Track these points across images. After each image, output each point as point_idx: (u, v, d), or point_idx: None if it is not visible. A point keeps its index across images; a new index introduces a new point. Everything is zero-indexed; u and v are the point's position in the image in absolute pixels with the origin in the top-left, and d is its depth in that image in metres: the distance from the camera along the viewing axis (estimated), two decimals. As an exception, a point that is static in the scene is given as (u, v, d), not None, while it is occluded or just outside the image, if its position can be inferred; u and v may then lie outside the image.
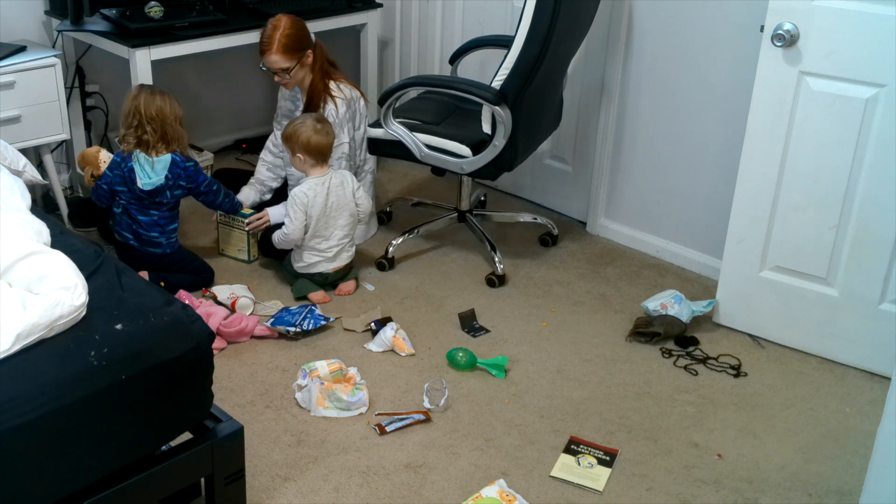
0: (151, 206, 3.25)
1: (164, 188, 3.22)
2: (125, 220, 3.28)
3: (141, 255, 3.29)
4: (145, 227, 3.26)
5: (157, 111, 3.18)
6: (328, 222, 3.27)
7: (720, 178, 3.41)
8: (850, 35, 2.73)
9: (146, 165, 3.20)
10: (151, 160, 3.19)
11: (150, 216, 3.26)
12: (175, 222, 3.33)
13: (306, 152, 3.23)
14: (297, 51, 3.38)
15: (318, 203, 3.23)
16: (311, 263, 3.30)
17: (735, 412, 2.83)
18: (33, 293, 1.99)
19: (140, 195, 3.22)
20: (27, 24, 3.69)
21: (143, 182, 3.20)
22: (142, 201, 3.23)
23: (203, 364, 2.11)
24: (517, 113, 3.22)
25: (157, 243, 3.29)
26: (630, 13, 3.54)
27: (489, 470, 2.54)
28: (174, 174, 3.22)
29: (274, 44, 3.35)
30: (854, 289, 2.96)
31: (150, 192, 3.21)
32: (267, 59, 3.39)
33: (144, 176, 3.20)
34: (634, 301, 3.37)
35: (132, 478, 2.00)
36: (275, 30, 3.36)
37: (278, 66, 3.39)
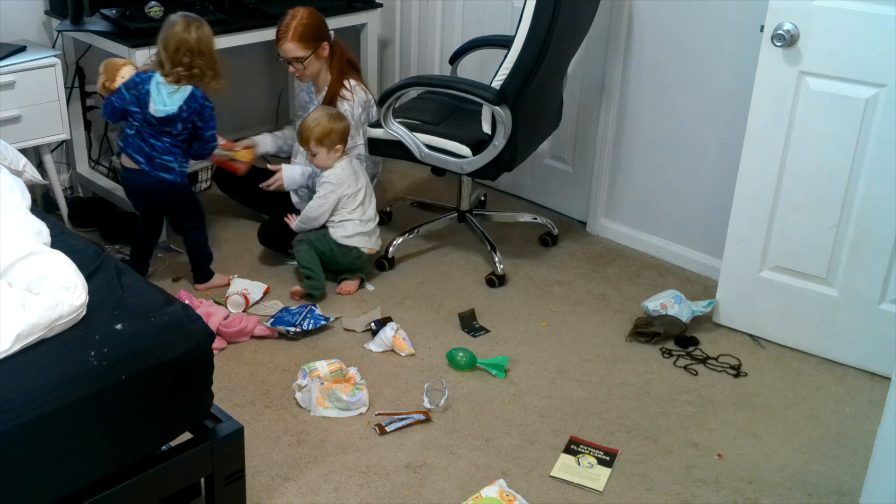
0: (163, 134, 3.12)
1: (177, 118, 3.10)
2: (137, 143, 3.14)
3: (150, 182, 3.17)
4: (159, 151, 3.14)
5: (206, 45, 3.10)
6: (365, 197, 3.37)
7: (720, 178, 3.41)
8: (850, 35, 2.73)
9: (163, 91, 3.08)
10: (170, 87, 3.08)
11: (163, 142, 3.13)
12: (187, 159, 3.24)
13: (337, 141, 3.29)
14: (312, 41, 3.40)
15: (349, 181, 3.31)
16: (352, 235, 3.34)
17: (735, 412, 2.83)
18: (33, 293, 1.99)
19: (151, 120, 3.11)
20: (27, 24, 3.69)
21: (157, 107, 3.08)
22: (153, 127, 3.12)
23: (203, 364, 2.11)
24: (517, 113, 3.22)
25: (170, 168, 3.17)
26: (630, 13, 3.54)
27: (489, 470, 2.54)
28: (190, 107, 3.10)
29: (290, 32, 3.38)
30: (854, 289, 2.96)
31: (162, 119, 3.09)
32: (282, 47, 3.42)
33: (160, 101, 3.08)
34: (634, 301, 3.37)
35: (132, 478, 2.00)
36: (292, 19, 3.40)
37: (293, 55, 3.41)
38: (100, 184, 3.88)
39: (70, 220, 3.72)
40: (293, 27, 3.39)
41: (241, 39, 3.65)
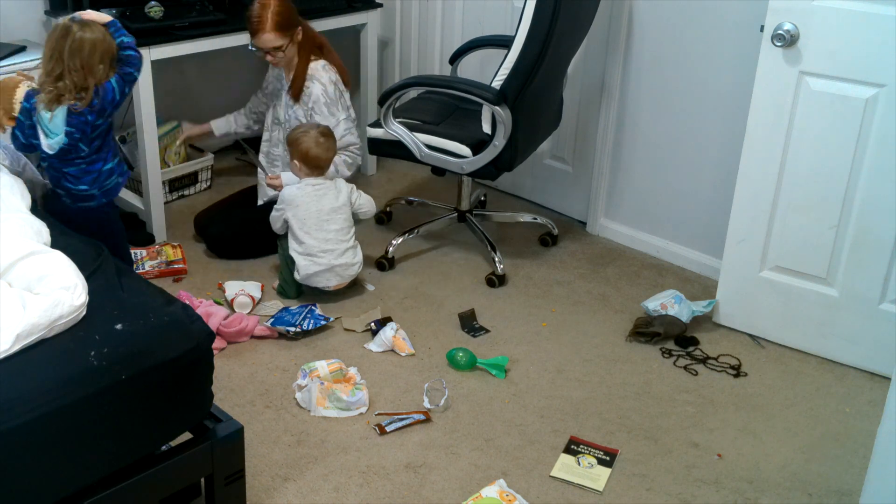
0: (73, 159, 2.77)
1: (74, 144, 2.72)
2: (52, 173, 2.81)
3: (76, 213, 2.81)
4: (72, 180, 2.79)
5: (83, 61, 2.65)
6: (321, 226, 3.25)
7: (720, 178, 3.41)
8: (850, 35, 2.73)
9: (45, 121, 2.70)
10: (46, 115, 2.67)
11: (76, 165, 2.77)
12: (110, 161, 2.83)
13: (303, 162, 3.27)
14: (288, 28, 3.38)
15: (304, 203, 3.25)
16: (310, 275, 3.24)
17: (735, 412, 2.83)
18: (33, 293, 1.99)
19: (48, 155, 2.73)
20: (27, 24, 3.69)
21: (49, 142, 2.71)
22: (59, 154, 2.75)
23: (203, 364, 2.11)
24: (517, 113, 3.22)
25: (89, 196, 2.82)
26: (630, 13, 3.54)
27: (489, 470, 2.54)
28: (78, 124, 2.70)
29: (266, 22, 3.33)
30: (854, 289, 2.96)
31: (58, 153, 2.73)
32: (260, 38, 3.36)
33: (48, 135, 2.71)
34: (634, 301, 3.37)
35: (132, 478, 2.00)
36: (264, 8, 3.33)
37: (272, 45, 3.36)
38: (100, 184, 3.88)
39: (70, 220, 3.71)
40: (268, 17, 3.32)
41: (242, 39, 3.64)
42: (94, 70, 2.67)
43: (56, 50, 2.65)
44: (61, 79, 2.66)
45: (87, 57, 2.66)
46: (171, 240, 3.64)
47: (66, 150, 2.74)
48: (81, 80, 2.66)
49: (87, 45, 2.65)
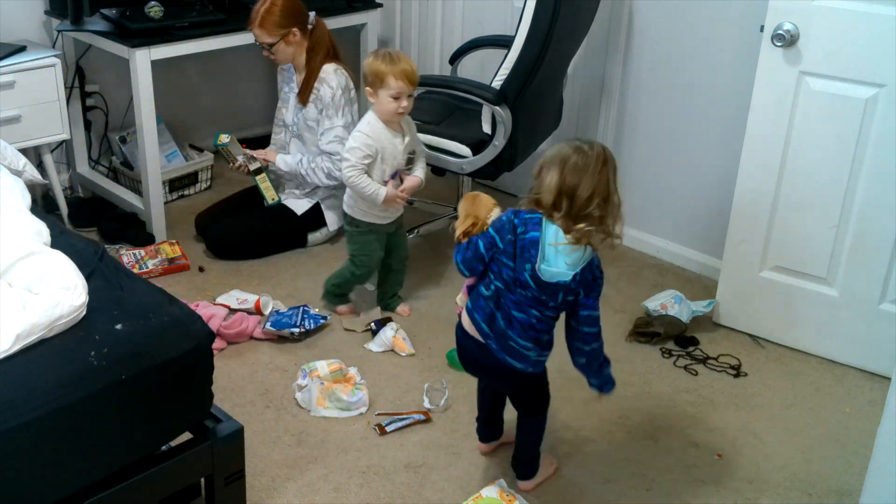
0: (536, 305, 2.24)
1: (563, 287, 2.21)
2: (490, 309, 2.27)
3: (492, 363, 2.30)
4: (517, 330, 2.25)
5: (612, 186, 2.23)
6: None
7: (720, 178, 3.41)
8: (850, 35, 2.73)
9: (555, 248, 2.18)
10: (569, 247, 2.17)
11: (529, 315, 2.24)
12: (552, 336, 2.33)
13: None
14: (279, 27, 3.37)
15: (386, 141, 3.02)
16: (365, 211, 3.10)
17: (735, 412, 2.83)
18: (33, 293, 1.99)
19: (526, 282, 2.20)
20: (27, 24, 3.69)
21: (545, 267, 2.18)
22: (524, 293, 2.23)
23: (203, 364, 2.10)
24: (517, 113, 3.22)
25: (525, 357, 2.29)
26: (630, 13, 3.54)
27: (489, 470, 2.54)
28: (584, 275, 2.22)
29: (258, 18, 3.36)
30: (854, 289, 2.96)
31: (545, 284, 2.19)
32: (252, 31, 3.41)
33: (545, 261, 2.18)
34: (634, 301, 3.37)
35: (132, 478, 2.00)
36: (261, 4, 3.37)
37: (261, 41, 3.41)
38: (100, 184, 3.89)
39: (70, 220, 3.72)
40: (260, 13, 3.35)
41: (242, 39, 3.65)
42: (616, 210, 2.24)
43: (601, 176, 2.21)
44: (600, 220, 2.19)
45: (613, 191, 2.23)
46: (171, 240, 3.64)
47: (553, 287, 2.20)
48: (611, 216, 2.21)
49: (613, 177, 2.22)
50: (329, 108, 3.45)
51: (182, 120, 4.21)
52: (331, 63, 3.49)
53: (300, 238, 3.66)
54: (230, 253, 3.56)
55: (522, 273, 2.19)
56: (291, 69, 3.57)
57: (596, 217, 2.17)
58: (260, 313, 3.16)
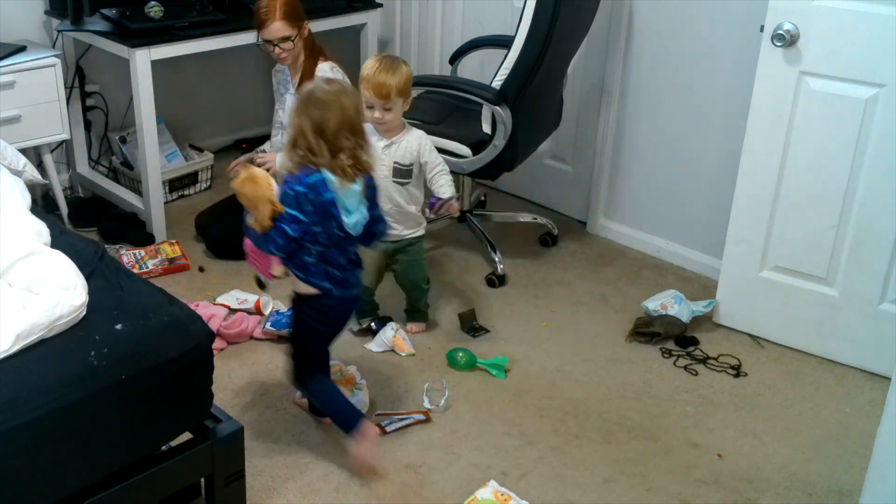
0: (351, 245, 2.44)
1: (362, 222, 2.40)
2: (322, 269, 2.38)
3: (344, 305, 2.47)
4: (348, 270, 2.44)
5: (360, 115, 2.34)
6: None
7: (720, 178, 3.41)
8: (850, 35, 2.73)
9: (345, 196, 2.31)
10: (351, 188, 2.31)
11: (348, 253, 2.44)
12: None
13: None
14: (297, 18, 3.36)
15: None
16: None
17: (735, 412, 2.83)
18: (33, 293, 1.99)
19: (339, 235, 2.35)
20: (27, 24, 3.69)
21: (350, 221, 2.33)
22: (340, 243, 2.38)
23: (203, 364, 2.11)
24: (517, 113, 3.22)
25: (358, 283, 2.51)
26: (630, 13, 3.54)
27: (489, 470, 2.54)
28: (371, 199, 2.42)
29: (276, 11, 3.30)
30: (854, 289, 2.96)
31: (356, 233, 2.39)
32: (270, 28, 3.32)
33: (345, 212, 2.32)
34: (634, 301, 3.37)
35: (132, 478, 2.00)
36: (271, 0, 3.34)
37: (281, 35, 3.32)
38: (100, 184, 3.89)
39: (70, 220, 3.72)
40: (277, 6, 3.30)
41: (242, 39, 3.65)
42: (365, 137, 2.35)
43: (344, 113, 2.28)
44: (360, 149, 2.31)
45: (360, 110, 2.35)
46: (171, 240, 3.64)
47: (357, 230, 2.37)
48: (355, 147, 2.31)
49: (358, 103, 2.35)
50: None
51: (182, 120, 4.21)
52: (326, 62, 3.48)
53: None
54: (230, 253, 3.56)
55: (333, 231, 2.33)
56: (286, 70, 3.56)
57: (349, 148, 2.28)
58: (260, 313, 3.16)
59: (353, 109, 2.29)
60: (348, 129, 2.27)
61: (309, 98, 2.29)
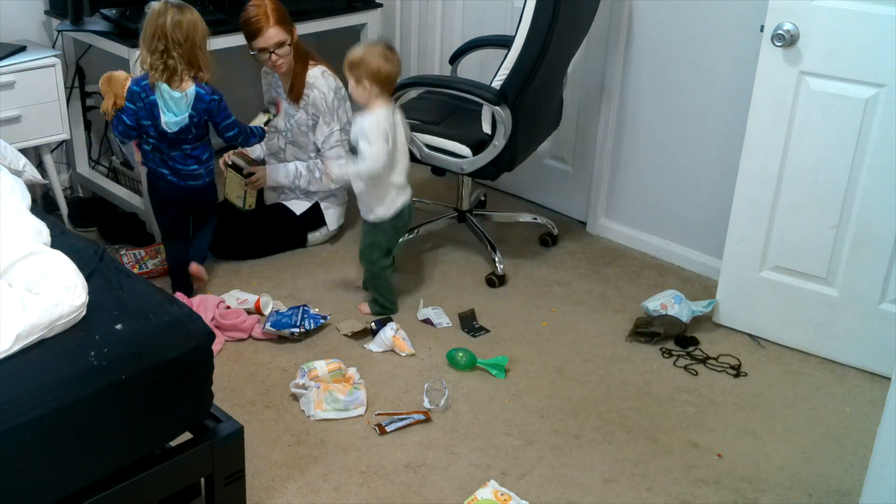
0: (181, 142, 3.04)
1: (190, 126, 3.01)
2: (157, 157, 3.07)
3: (179, 191, 3.12)
4: (181, 162, 3.07)
5: (185, 34, 2.90)
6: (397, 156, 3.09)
7: (720, 178, 3.41)
8: (850, 35, 2.73)
9: (169, 100, 2.95)
10: (175, 94, 2.94)
11: (182, 151, 3.06)
12: (210, 150, 3.15)
13: (374, 81, 2.98)
14: (288, 23, 3.38)
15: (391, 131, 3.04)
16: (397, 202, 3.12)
17: (735, 412, 2.83)
18: (33, 293, 1.99)
19: (164, 132, 3.00)
20: (27, 24, 3.69)
21: (168, 120, 2.96)
22: (167, 136, 3.01)
23: (203, 364, 2.11)
24: (517, 113, 3.22)
25: (197, 175, 3.12)
26: (630, 13, 3.54)
27: (489, 470, 2.54)
28: (199, 109, 3.00)
29: (269, 17, 3.32)
30: (854, 289, 2.96)
31: (175, 132, 3.00)
32: (265, 35, 3.33)
33: (168, 112, 2.95)
34: (634, 301, 3.37)
35: (132, 478, 2.00)
36: (259, 7, 3.34)
37: (277, 40, 3.34)
38: (100, 184, 3.88)
39: (70, 220, 3.72)
40: (269, 13, 3.32)
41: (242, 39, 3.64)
42: (200, 47, 2.92)
43: (158, 27, 2.88)
44: (168, 55, 2.89)
45: (190, 32, 2.90)
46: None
47: (181, 130, 2.99)
48: (190, 54, 2.91)
49: (185, 22, 2.90)
50: (325, 115, 3.45)
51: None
52: (316, 66, 3.48)
53: (300, 238, 3.67)
54: (230, 253, 3.56)
55: (160, 126, 2.98)
56: (276, 75, 3.57)
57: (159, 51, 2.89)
58: (260, 313, 3.16)
59: (170, 24, 2.88)
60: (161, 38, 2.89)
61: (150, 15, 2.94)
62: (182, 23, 2.91)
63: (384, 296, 3.24)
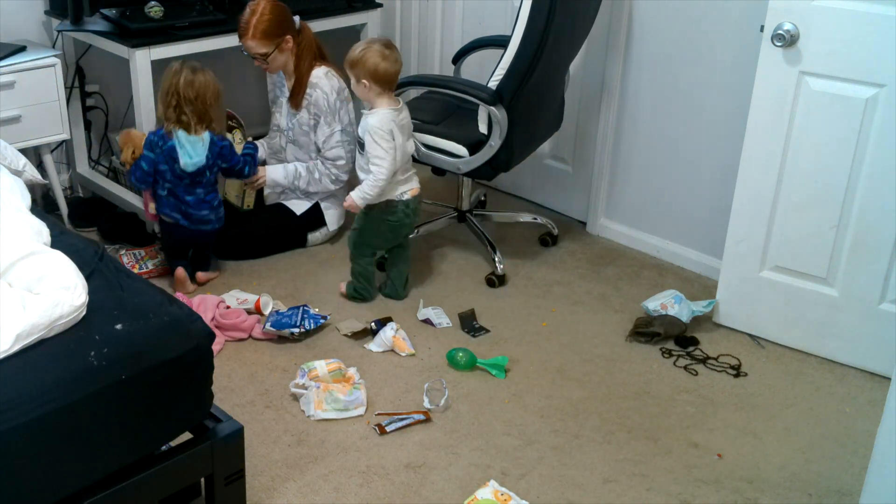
0: (195, 185, 3.24)
1: (205, 168, 3.22)
2: (172, 201, 3.25)
3: (189, 235, 3.31)
4: (194, 207, 3.26)
5: (196, 92, 3.15)
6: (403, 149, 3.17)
7: (720, 178, 3.41)
8: (850, 35, 2.73)
9: (187, 145, 3.17)
10: (192, 138, 3.17)
11: (195, 195, 3.25)
12: (219, 197, 3.35)
13: (373, 79, 3.06)
14: (275, 36, 3.38)
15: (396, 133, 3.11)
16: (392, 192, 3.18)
17: (735, 412, 2.83)
18: (33, 293, 1.99)
19: (181, 174, 3.19)
20: (27, 24, 3.69)
21: (185, 162, 3.17)
22: (183, 181, 3.22)
23: (203, 364, 2.11)
24: (513, 113, 3.21)
25: (208, 220, 3.31)
26: (630, 13, 3.54)
27: (489, 470, 2.54)
28: (214, 153, 3.22)
29: (250, 29, 3.35)
30: (854, 289, 2.96)
31: (193, 172, 3.20)
32: (244, 44, 3.41)
33: (186, 156, 3.17)
34: (634, 301, 3.37)
35: (132, 478, 2.00)
36: (252, 14, 3.36)
37: (255, 52, 3.40)
38: (100, 184, 3.88)
39: (70, 220, 3.72)
40: (253, 24, 3.34)
41: (241, 39, 3.64)
42: (211, 104, 3.18)
43: (172, 85, 3.15)
44: (181, 111, 3.15)
45: (201, 91, 3.15)
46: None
47: (198, 171, 3.20)
48: (201, 111, 3.17)
49: (197, 83, 3.16)
50: (327, 115, 3.46)
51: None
52: (320, 66, 3.49)
53: (300, 238, 3.67)
54: (230, 253, 3.56)
55: (177, 170, 3.18)
56: (281, 73, 3.57)
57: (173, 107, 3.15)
58: (260, 313, 3.16)
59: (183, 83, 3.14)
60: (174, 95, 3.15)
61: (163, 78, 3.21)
62: (194, 82, 3.15)
63: (359, 281, 3.31)
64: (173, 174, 3.20)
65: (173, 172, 3.20)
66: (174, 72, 3.17)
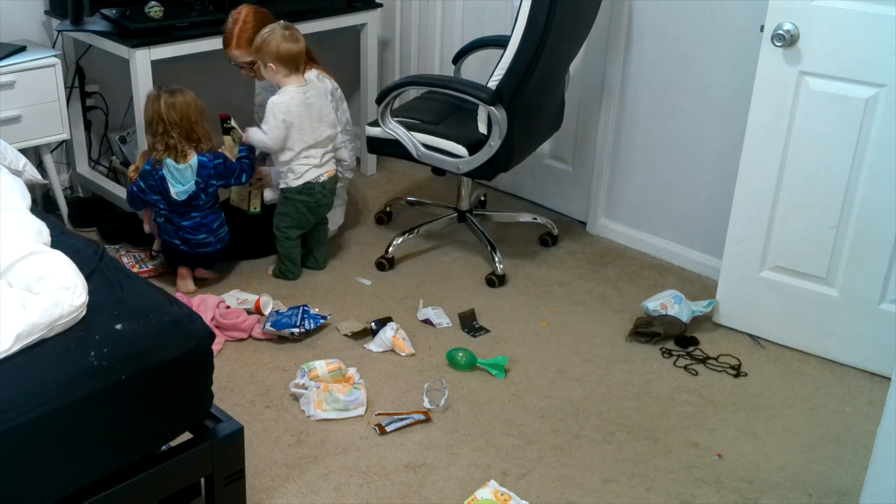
0: (191, 210, 3.22)
1: (198, 192, 3.20)
2: (170, 228, 3.25)
3: (190, 256, 3.30)
4: (192, 231, 3.24)
5: (179, 114, 3.14)
6: (314, 129, 3.32)
7: (720, 178, 3.41)
8: (850, 35, 2.73)
9: (175, 173, 3.16)
10: (180, 167, 3.16)
11: (192, 219, 3.24)
12: (220, 216, 3.33)
13: (278, 61, 3.23)
14: None
15: (297, 112, 3.26)
16: (303, 173, 3.33)
17: (735, 412, 2.83)
18: (33, 293, 1.99)
19: (175, 202, 3.19)
20: (27, 24, 3.69)
21: (177, 191, 3.17)
22: (178, 208, 3.21)
23: (203, 364, 2.10)
24: (513, 113, 3.21)
25: (207, 243, 3.28)
26: (630, 13, 3.54)
27: (489, 470, 2.54)
28: (204, 176, 3.20)
29: (234, 38, 3.35)
30: (854, 289, 2.96)
31: (185, 199, 3.19)
32: (229, 53, 3.41)
33: (176, 184, 3.17)
34: (634, 301, 3.37)
35: (132, 478, 2.00)
36: (234, 23, 3.35)
37: (239, 61, 3.41)
38: (100, 184, 3.88)
39: (70, 220, 3.72)
40: (236, 33, 3.33)
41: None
42: (196, 121, 3.18)
43: (154, 112, 3.15)
44: (168, 136, 3.14)
45: (184, 111, 3.14)
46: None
47: (190, 197, 3.19)
48: (188, 130, 3.16)
49: (178, 104, 3.15)
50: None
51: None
52: (311, 69, 3.47)
53: (300, 238, 3.66)
54: (231, 253, 3.56)
55: (171, 198, 3.18)
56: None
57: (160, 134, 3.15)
58: (260, 313, 3.16)
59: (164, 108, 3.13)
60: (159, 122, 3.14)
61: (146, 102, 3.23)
62: (175, 104, 3.15)
63: (284, 262, 3.44)
64: (168, 203, 3.20)
65: (167, 201, 3.20)
66: (153, 98, 3.17)
